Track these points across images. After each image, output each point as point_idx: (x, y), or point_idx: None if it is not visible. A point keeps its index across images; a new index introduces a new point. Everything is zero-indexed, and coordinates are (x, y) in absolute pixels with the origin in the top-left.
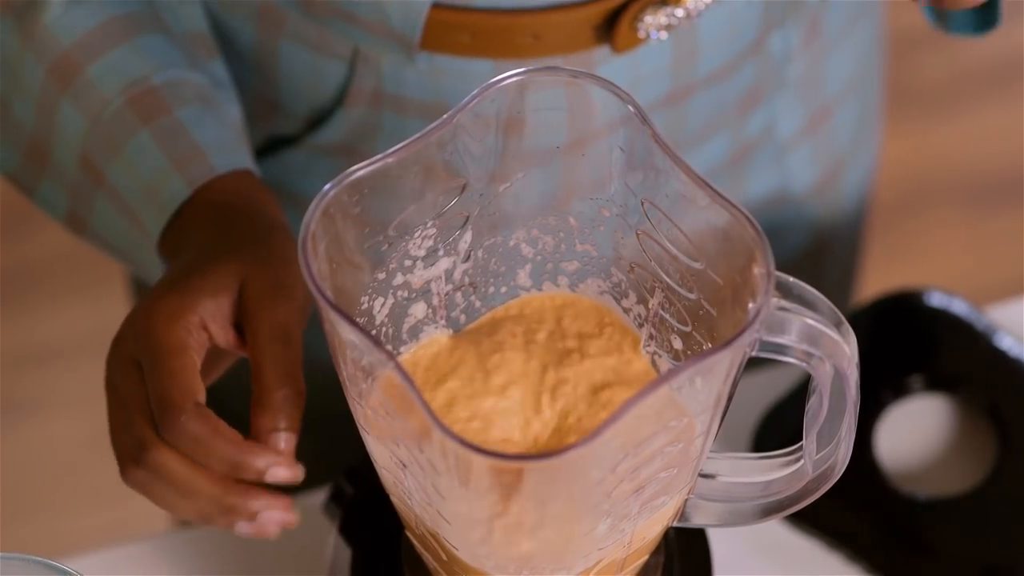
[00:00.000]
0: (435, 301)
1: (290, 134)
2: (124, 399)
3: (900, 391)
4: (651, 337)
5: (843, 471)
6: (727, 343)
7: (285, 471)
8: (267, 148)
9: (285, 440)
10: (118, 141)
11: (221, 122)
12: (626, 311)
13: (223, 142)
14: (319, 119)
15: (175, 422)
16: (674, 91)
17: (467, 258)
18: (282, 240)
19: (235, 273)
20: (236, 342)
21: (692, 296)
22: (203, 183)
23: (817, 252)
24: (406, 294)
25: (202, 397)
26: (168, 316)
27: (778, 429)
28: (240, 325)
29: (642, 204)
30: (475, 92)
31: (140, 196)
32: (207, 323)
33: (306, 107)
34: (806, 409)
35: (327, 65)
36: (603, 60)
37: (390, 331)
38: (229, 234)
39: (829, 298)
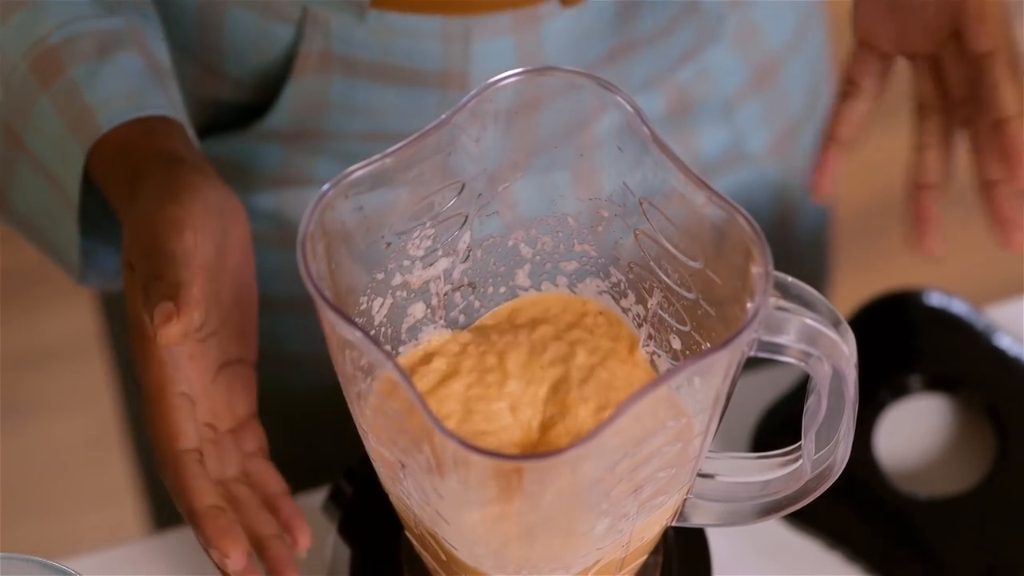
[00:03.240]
0: (434, 301)
1: (235, 102)
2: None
3: (899, 391)
4: (650, 337)
5: (842, 471)
6: (725, 343)
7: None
8: (213, 135)
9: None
10: (27, 107)
11: (117, 72)
12: (625, 311)
13: (113, 95)
14: (266, 91)
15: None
16: (616, 47)
17: (466, 258)
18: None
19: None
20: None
21: (691, 296)
22: (95, 142)
23: (785, 221)
24: (405, 294)
25: (185, 437)
26: (143, 365)
27: (777, 429)
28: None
29: (640, 204)
30: (473, 92)
31: (55, 159)
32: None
33: (253, 75)
34: (805, 409)
35: (274, 29)
36: (551, 14)
37: (389, 331)
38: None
39: (802, 268)
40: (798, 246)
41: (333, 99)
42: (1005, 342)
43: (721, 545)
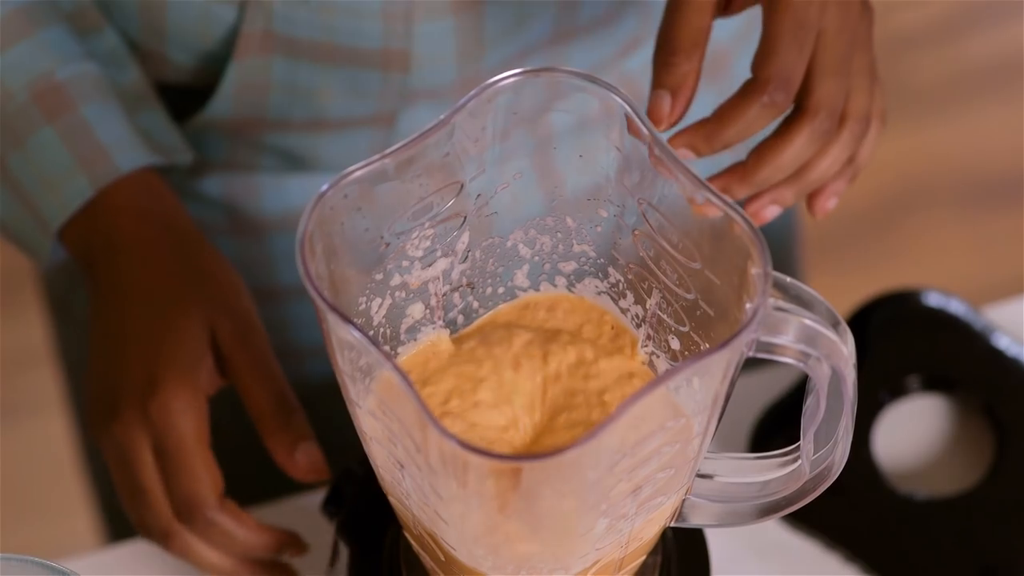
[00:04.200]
0: (432, 302)
1: (178, 85)
2: (144, 485)
3: (898, 391)
4: (649, 337)
5: (840, 471)
6: (724, 343)
7: (296, 550)
8: None
9: (304, 451)
10: (20, 134)
11: (123, 117)
12: (624, 311)
13: (125, 139)
14: (208, 75)
15: (203, 517)
16: (557, 33)
17: (465, 259)
18: (221, 266)
19: (206, 328)
20: (222, 381)
21: (689, 296)
22: (107, 184)
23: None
24: (404, 295)
25: (222, 485)
26: (184, 410)
27: (776, 429)
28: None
29: (639, 204)
30: (472, 92)
31: (39, 187)
32: (207, 390)
33: (195, 57)
34: (803, 409)
35: (217, 9)
36: None
37: (388, 331)
38: (171, 268)
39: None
40: (770, 242)
41: (275, 81)
42: (1003, 342)
43: (720, 545)
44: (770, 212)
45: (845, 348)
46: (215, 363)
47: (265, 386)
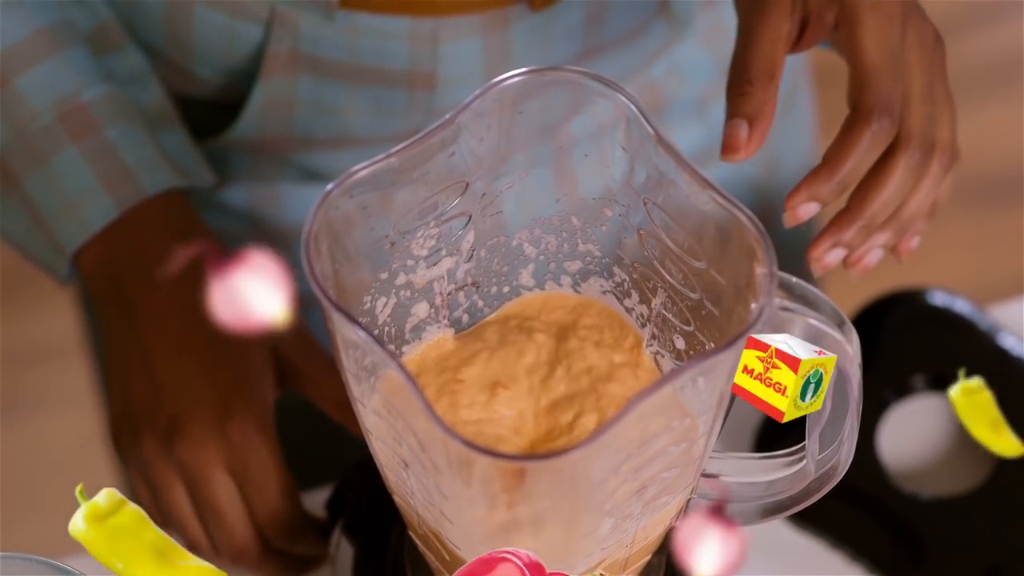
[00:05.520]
0: (437, 301)
1: (203, 99)
2: (220, 504)
3: (903, 390)
4: (654, 337)
5: (846, 471)
6: (729, 343)
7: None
8: None
9: None
10: (43, 154)
11: (147, 139)
12: (629, 311)
13: (151, 161)
14: (234, 91)
15: (291, 532)
16: (585, 50)
17: (470, 258)
18: None
19: (269, 344)
20: (278, 393)
21: (695, 296)
22: (132, 205)
23: (766, 215)
24: (409, 294)
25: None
26: (262, 431)
27: (780, 429)
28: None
29: (644, 204)
30: (477, 92)
31: (58, 210)
32: (272, 408)
33: (221, 74)
34: None
35: (243, 28)
36: (519, 17)
37: (393, 330)
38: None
39: (787, 268)
40: (780, 245)
41: (300, 99)
42: (1008, 342)
43: None
44: (874, 257)
45: (850, 348)
46: (275, 376)
47: (338, 378)
